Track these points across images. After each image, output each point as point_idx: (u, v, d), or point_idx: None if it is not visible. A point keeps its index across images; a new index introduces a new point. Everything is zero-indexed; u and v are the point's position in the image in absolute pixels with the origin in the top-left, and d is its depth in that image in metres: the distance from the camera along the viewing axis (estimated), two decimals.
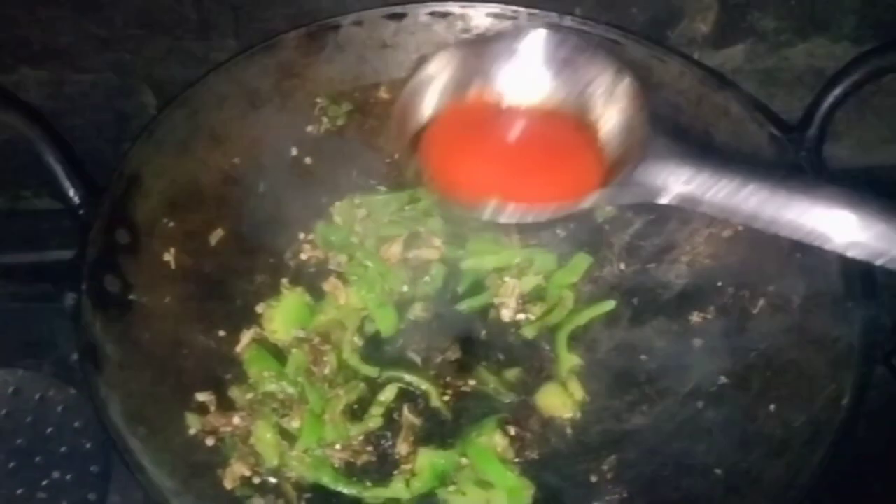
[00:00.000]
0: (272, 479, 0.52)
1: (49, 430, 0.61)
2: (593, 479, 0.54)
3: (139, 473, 0.44)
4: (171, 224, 0.58)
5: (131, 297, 0.53)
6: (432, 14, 0.65)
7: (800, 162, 0.57)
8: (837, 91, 0.55)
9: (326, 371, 0.58)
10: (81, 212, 0.52)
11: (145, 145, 0.57)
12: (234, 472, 0.51)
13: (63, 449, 0.60)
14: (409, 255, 0.65)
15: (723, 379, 0.56)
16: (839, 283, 0.52)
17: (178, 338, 0.55)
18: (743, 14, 0.74)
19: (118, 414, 0.46)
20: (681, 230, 0.63)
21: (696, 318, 0.60)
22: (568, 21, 0.65)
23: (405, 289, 0.64)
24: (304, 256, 0.65)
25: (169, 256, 0.57)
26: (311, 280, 0.63)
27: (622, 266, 0.65)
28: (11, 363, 0.63)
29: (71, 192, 0.52)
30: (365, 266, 0.64)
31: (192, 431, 0.52)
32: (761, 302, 0.57)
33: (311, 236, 0.66)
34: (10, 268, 0.51)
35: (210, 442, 0.52)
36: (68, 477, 0.59)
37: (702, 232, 0.62)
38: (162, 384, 0.52)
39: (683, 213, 0.63)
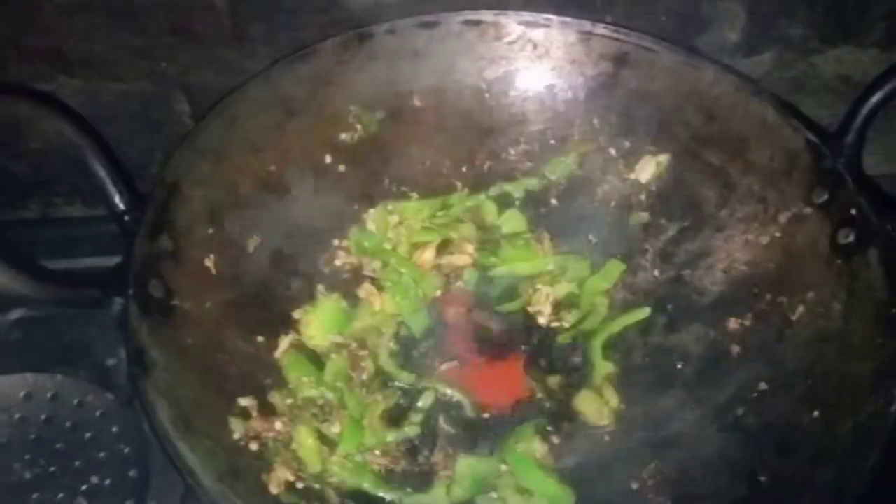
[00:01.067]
0: (315, 485, 0.52)
1: (87, 434, 0.61)
2: (634, 486, 0.54)
3: (190, 477, 0.45)
4: (211, 231, 0.58)
5: (174, 302, 0.53)
6: (465, 22, 0.66)
7: (838, 168, 0.56)
8: (876, 97, 0.55)
9: (364, 377, 0.59)
10: (126, 218, 0.52)
11: (185, 154, 0.58)
12: (279, 477, 0.51)
13: (101, 454, 0.60)
14: (441, 261, 0.66)
15: (763, 385, 0.55)
16: (882, 289, 0.52)
17: (219, 343, 0.55)
18: (771, 21, 0.74)
19: (166, 418, 0.46)
20: (715, 237, 0.64)
21: (733, 324, 0.60)
22: (600, 28, 0.66)
23: (438, 294, 0.65)
24: (338, 263, 0.66)
25: (209, 263, 0.57)
26: (346, 286, 0.64)
27: (656, 272, 0.65)
28: (49, 369, 0.64)
29: (116, 199, 0.52)
30: (399, 272, 0.64)
31: (236, 436, 0.52)
32: (800, 309, 0.57)
33: (345, 243, 0.66)
34: (50, 276, 0.51)
35: (254, 447, 0.52)
36: (107, 482, 0.59)
37: (737, 238, 0.62)
38: (205, 389, 0.52)
39: (718, 220, 0.64)
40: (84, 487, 0.59)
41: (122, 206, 0.52)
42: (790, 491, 0.49)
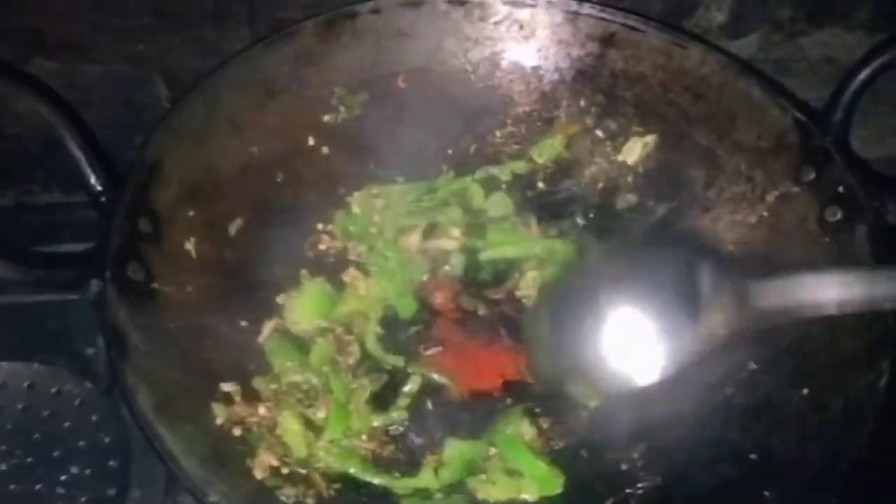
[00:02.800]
0: (301, 470, 0.51)
1: (66, 424, 0.60)
2: (623, 466, 0.54)
3: (171, 462, 0.44)
4: (192, 213, 0.57)
5: (154, 285, 0.52)
6: (450, 2, 0.65)
7: (826, 146, 0.56)
8: (864, 74, 0.55)
9: (350, 361, 0.58)
10: (103, 199, 0.51)
11: (165, 133, 0.56)
12: (263, 462, 0.50)
13: (81, 444, 0.59)
14: (427, 245, 0.65)
15: (752, 365, 0.55)
16: (871, 266, 0.52)
17: (201, 327, 0.54)
18: (758, 2, 0.74)
19: (147, 403, 0.45)
20: (703, 217, 0.63)
21: None
22: (586, 8, 0.65)
23: (425, 278, 0.64)
24: (322, 247, 0.64)
25: (190, 246, 0.56)
26: (331, 270, 0.63)
27: None
28: (26, 357, 0.62)
29: (93, 180, 0.51)
30: (385, 256, 0.63)
31: (218, 421, 0.51)
32: None
33: (329, 226, 0.65)
34: (26, 258, 0.49)
35: (237, 432, 0.51)
36: (87, 472, 0.58)
37: (725, 218, 0.62)
38: (187, 374, 0.51)
39: (706, 200, 0.64)
40: (63, 478, 0.58)
41: (98, 187, 0.51)
42: (782, 469, 0.49)
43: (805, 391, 0.51)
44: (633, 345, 0.48)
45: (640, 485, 0.52)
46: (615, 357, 0.49)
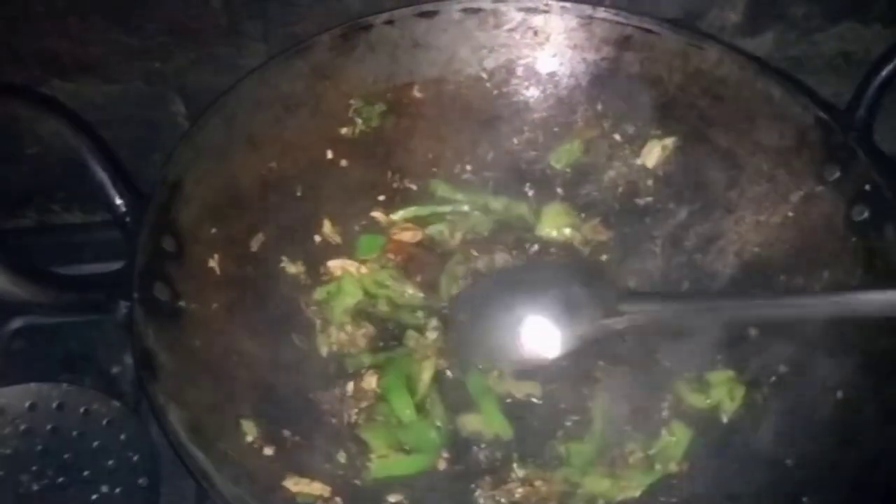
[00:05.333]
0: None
1: (95, 443, 0.60)
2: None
3: (204, 481, 0.44)
4: (214, 230, 0.57)
5: (180, 304, 0.52)
6: (464, 10, 0.65)
7: (849, 144, 0.56)
8: (887, 70, 0.55)
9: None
10: (128, 219, 0.51)
11: (185, 152, 0.57)
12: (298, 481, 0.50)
13: (110, 462, 0.59)
14: None
15: (783, 368, 0.55)
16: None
17: (226, 344, 0.54)
18: (772, 1, 0.73)
19: (178, 422, 0.45)
20: (726, 219, 0.63)
21: None
22: (601, 12, 0.65)
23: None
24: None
25: (213, 263, 0.56)
26: None
27: (667, 257, 0.64)
28: (53, 378, 0.63)
29: (117, 201, 0.51)
30: None
31: (249, 439, 0.51)
32: (817, 289, 0.56)
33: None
34: (55, 282, 0.49)
35: (269, 451, 0.51)
36: (117, 490, 0.58)
37: (748, 220, 0.62)
38: (215, 392, 0.51)
39: (728, 201, 0.63)
40: (94, 497, 0.58)
41: (123, 208, 0.51)
42: (819, 474, 0.48)
43: (839, 394, 0.50)
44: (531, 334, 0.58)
45: (676, 492, 0.52)
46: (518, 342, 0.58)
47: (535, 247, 0.66)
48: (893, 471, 0.45)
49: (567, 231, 0.65)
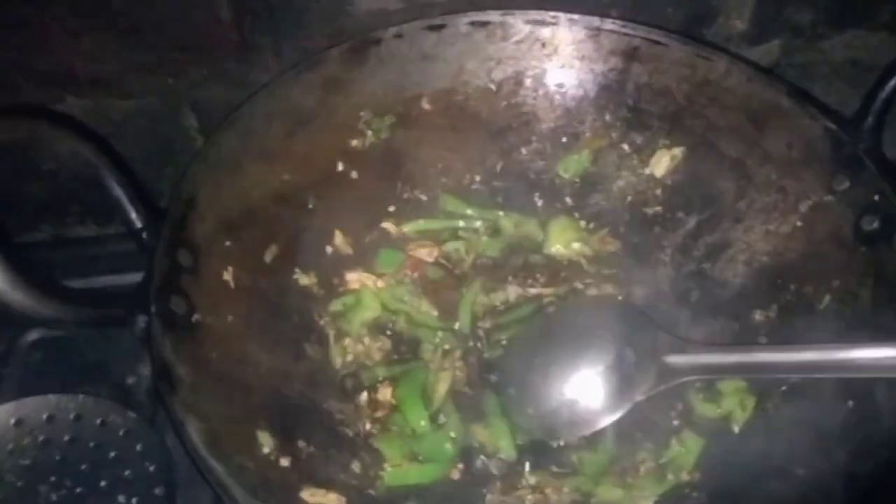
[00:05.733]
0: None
1: (112, 454, 0.61)
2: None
3: (223, 493, 0.44)
4: (228, 243, 0.58)
5: (196, 317, 0.53)
6: (472, 24, 0.66)
7: (858, 154, 0.56)
8: (894, 80, 0.55)
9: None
10: (145, 235, 0.52)
11: (199, 167, 0.57)
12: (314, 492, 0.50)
13: (127, 473, 0.60)
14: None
15: (793, 377, 0.55)
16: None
17: (242, 356, 0.55)
18: (779, 8, 0.73)
19: (197, 435, 0.46)
20: (735, 228, 0.63)
21: (758, 316, 0.60)
22: (608, 24, 0.66)
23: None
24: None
25: (228, 276, 0.57)
26: None
27: (676, 267, 0.65)
28: (71, 389, 0.63)
29: (133, 216, 0.52)
30: None
31: (265, 450, 0.51)
32: (827, 298, 0.56)
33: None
34: (74, 297, 0.50)
35: (285, 462, 0.52)
36: (134, 500, 0.59)
37: (757, 229, 0.62)
38: (231, 404, 0.51)
39: (737, 211, 0.64)
40: None
41: (139, 224, 0.52)
42: (831, 485, 0.48)
43: (850, 404, 0.50)
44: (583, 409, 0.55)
45: (687, 502, 0.52)
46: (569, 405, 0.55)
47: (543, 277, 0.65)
48: None
49: (576, 246, 0.66)
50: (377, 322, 0.63)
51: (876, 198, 0.54)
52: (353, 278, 0.64)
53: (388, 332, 0.63)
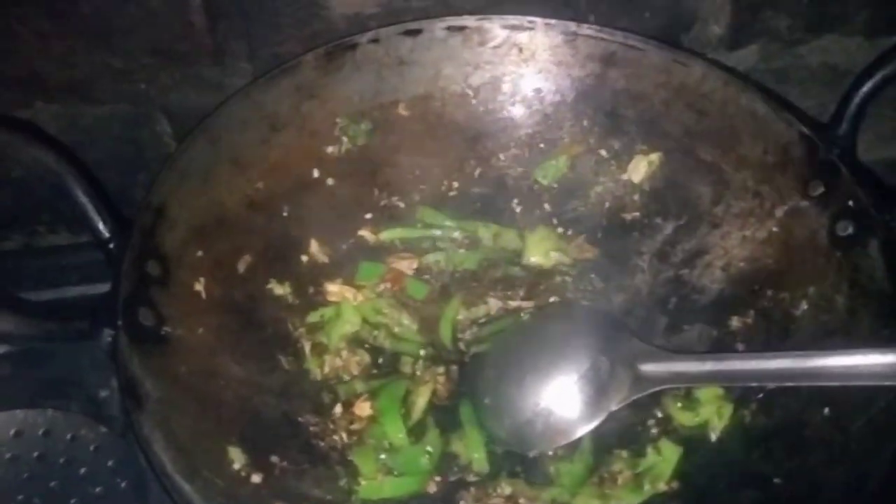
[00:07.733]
0: None
1: (82, 470, 0.59)
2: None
3: None
4: (200, 253, 0.57)
5: (165, 330, 0.52)
6: (449, 28, 0.65)
7: (833, 160, 0.56)
8: (868, 86, 0.55)
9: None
10: (111, 245, 0.51)
11: (170, 175, 0.56)
12: None
13: (98, 489, 0.59)
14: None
15: (770, 385, 0.55)
16: (885, 281, 0.51)
17: (214, 369, 0.54)
18: (756, 14, 0.73)
19: (163, 451, 0.45)
20: (712, 234, 0.63)
21: (736, 323, 0.60)
22: (585, 29, 0.65)
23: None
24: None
25: (199, 286, 0.56)
26: None
27: (654, 273, 0.65)
28: (39, 404, 0.62)
29: (100, 226, 0.51)
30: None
31: (236, 466, 0.50)
32: (803, 304, 0.56)
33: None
34: (36, 310, 0.49)
35: (257, 479, 0.51)
36: None
37: (734, 235, 0.62)
38: (201, 419, 0.51)
39: (713, 217, 0.63)
40: None
41: (106, 234, 0.51)
42: (807, 493, 0.48)
43: (826, 411, 0.50)
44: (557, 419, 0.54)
45: None
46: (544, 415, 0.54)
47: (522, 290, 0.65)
48: (882, 488, 0.45)
49: (554, 255, 0.65)
50: (356, 336, 0.62)
51: (850, 203, 0.54)
52: (334, 290, 0.63)
53: (367, 346, 0.62)
